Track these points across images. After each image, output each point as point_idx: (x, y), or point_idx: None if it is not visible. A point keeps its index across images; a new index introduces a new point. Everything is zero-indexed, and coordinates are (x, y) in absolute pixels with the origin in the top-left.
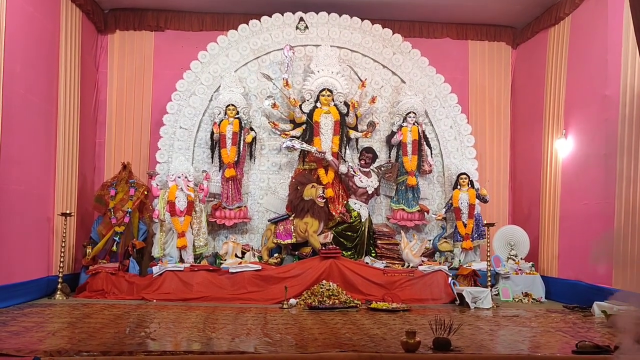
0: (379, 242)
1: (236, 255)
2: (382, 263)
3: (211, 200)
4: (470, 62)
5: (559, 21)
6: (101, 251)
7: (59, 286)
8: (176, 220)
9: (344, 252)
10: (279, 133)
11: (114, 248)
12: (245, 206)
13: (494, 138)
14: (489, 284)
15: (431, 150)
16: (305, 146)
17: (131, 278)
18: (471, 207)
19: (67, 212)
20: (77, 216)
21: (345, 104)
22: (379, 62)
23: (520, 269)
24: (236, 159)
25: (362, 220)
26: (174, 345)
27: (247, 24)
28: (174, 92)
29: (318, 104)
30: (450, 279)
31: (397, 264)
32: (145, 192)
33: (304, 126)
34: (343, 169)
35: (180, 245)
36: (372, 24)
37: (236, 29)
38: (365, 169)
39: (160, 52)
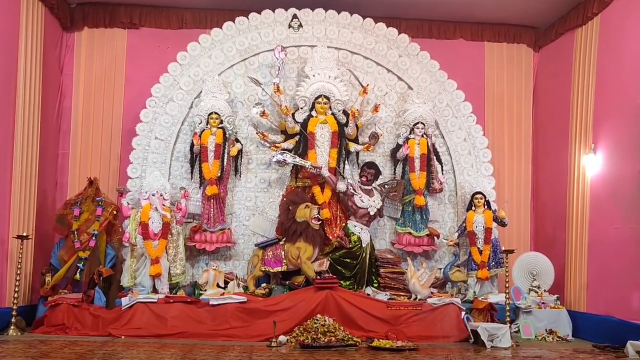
0: (382, 270)
1: (218, 285)
2: (386, 295)
3: (190, 222)
4: (486, 66)
5: (587, 21)
6: (62, 280)
7: (13, 320)
8: (149, 245)
9: (341, 282)
10: (268, 145)
11: (77, 276)
12: (228, 228)
13: (513, 153)
14: (508, 319)
15: (442, 166)
16: (298, 160)
17: (96, 311)
18: (487, 231)
19: (24, 234)
20: (35, 239)
21: (345, 112)
22: (382, 65)
23: (543, 303)
24: (219, 174)
25: (363, 245)
26: None
27: (234, 22)
28: (149, 98)
29: (313, 113)
30: (463, 313)
31: (403, 295)
32: (114, 212)
33: (297, 138)
34: (341, 186)
35: (154, 273)
36: (375, 23)
37: (220, 27)
38: (366, 187)
39: (134, 52)
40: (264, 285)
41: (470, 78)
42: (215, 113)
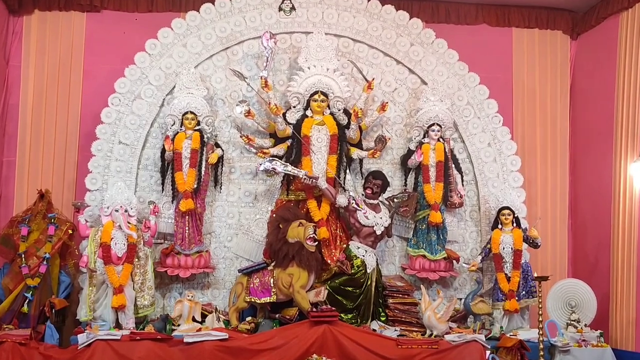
0: (390, 301)
1: (194, 319)
2: (395, 330)
3: (160, 243)
4: (514, 56)
5: (634, 3)
6: (7, 312)
7: None
8: (112, 270)
9: (342, 315)
10: (254, 151)
11: (25, 308)
12: (207, 251)
13: (547, 160)
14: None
15: (462, 176)
16: (290, 169)
17: (48, 350)
18: (517, 253)
19: None
20: None
21: (346, 112)
22: (391, 56)
23: (584, 340)
24: (195, 186)
25: (368, 270)
26: None
27: (213, 4)
28: (112, 94)
29: (308, 113)
30: (488, 353)
31: (416, 331)
32: (70, 231)
33: (288, 142)
34: (342, 200)
35: (117, 305)
36: (382, 5)
37: (198, 10)
38: (372, 201)
39: (94, 40)
40: (249, 319)
41: (496, 71)
42: (191, 113)
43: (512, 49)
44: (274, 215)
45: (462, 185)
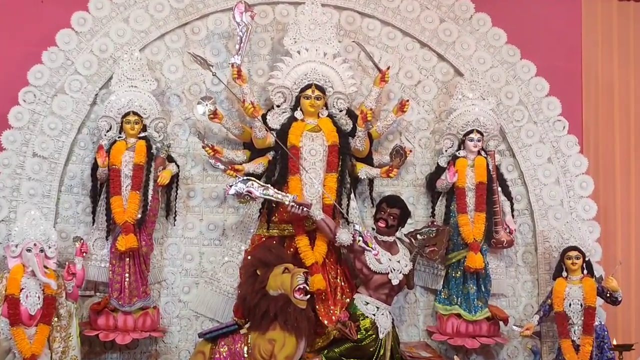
0: None
1: None
2: None
3: (90, 295)
4: (585, 36)
5: None
6: None
7: None
8: (21, 334)
9: None
10: (222, 168)
11: None
12: (154, 307)
13: (630, 181)
14: None
15: (512, 204)
16: (272, 193)
17: None
18: (588, 312)
19: None
20: None
21: (350, 113)
22: (413, 36)
23: None
24: (140, 216)
25: (380, 335)
26: None
27: None
28: (25, 88)
29: (298, 114)
30: None
31: None
32: None
33: (270, 155)
34: (344, 237)
35: None
36: None
37: None
38: (387, 238)
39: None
40: None
41: (559, 57)
42: (135, 114)
43: (582, 26)
44: (250, 257)
45: (512, 216)
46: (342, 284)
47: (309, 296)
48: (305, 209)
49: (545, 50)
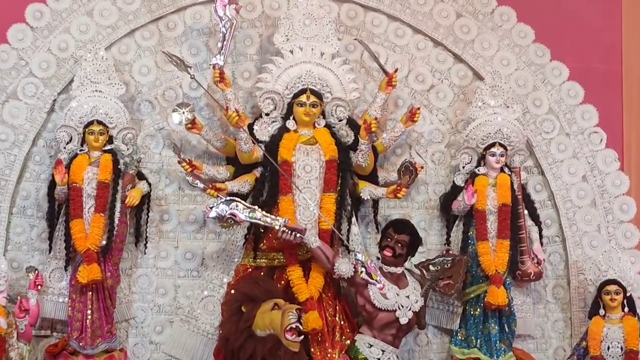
0: None
1: None
2: None
3: (46, 336)
4: (625, 34)
5: None
6: None
7: None
8: None
9: None
10: (201, 187)
11: None
12: (121, 350)
13: None
14: None
15: (541, 230)
16: (259, 216)
17: None
18: (630, 357)
19: None
20: None
21: (352, 123)
22: (425, 33)
23: None
24: (104, 242)
25: None
26: None
27: None
28: None
29: (290, 124)
30: None
31: None
32: None
33: (257, 172)
34: (345, 268)
35: None
36: None
37: None
38: (394, 269)
39: None
40: None
41: (595, 58)
42: (99, 123)
43: (622, 22)
44: (233, 291)
45: (541, 244)
46: (342, 322)
47: (302, 337)
48: (298, 234)
49: (579, 50)
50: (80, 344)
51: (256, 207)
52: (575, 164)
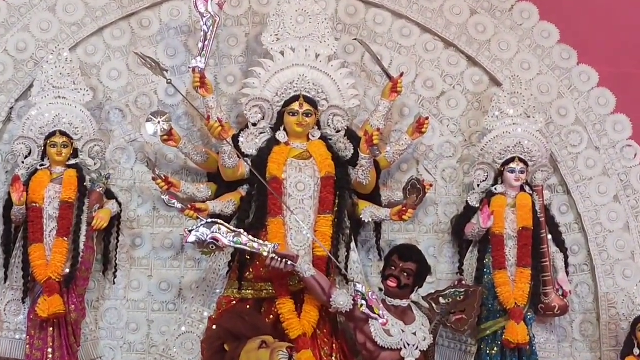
0: None
1: None
2: None
3: None
4: None
5: None
6: None
7: None
8: None
9: None
10: (179, 207)
11: None
12: None
13: None
14: None
15: (566, 257)
16: (245, 241)
17: None
18: None
19: None
20: None
21: (351, 135)
22: (435, 32)
23: None
24: (68, 270)
25: None
26: None
27: None
28: None
29: (281, 136)
30: None
31: None
32: None
33: (243, 190)
34: (342, 300)
35: None
36: None
37: None
38: (399, 302)
39: None
40: None
41: (628, 61)
42: (63, 134)
43: None
44: (215, 327)
45: (567, 273)
46: None
47: None
48: (289, 262)
49: (610, 52)
50: None
51: (241, 230)
52: (606, 182)
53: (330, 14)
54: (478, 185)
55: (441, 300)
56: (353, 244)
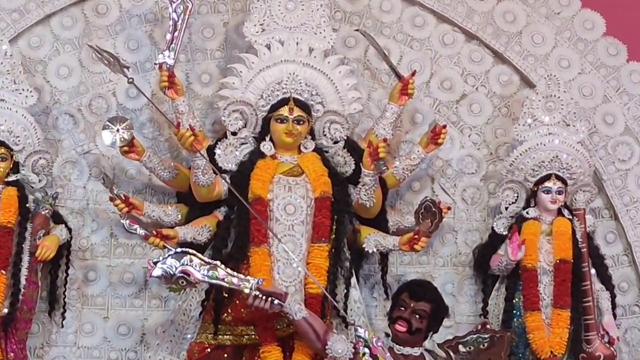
0: None
1: None
2: None
3: None
4: None
5: None
6: None
7: None
8: None
9: None
10: (142, 234)
11: None
12: None
13: None
14: None
15: (613, 297)
16: (222, 275)
17: None
18: None
19: None
20: None
21: (351, 146)
22: (453, 22)
23: None
24: (6, 310)
25: None
26: None
27: None
28: None
29: (266, 147)
30: None
31: None
32: None
33: (220, 213)
34: (340, 347)
35: None
36: None
37: None
38: (409, 350)
39: None
40: None
41: None
42: (1, 144)
43: None
44: None
45: (615, 316)
46: None
47: None
48: (276, 301)
49: None
50: None
51: (218, 262)
52: None
53: (326, 1)
54: (506, 209)
55: (461, 348)
56: (354, 280)
